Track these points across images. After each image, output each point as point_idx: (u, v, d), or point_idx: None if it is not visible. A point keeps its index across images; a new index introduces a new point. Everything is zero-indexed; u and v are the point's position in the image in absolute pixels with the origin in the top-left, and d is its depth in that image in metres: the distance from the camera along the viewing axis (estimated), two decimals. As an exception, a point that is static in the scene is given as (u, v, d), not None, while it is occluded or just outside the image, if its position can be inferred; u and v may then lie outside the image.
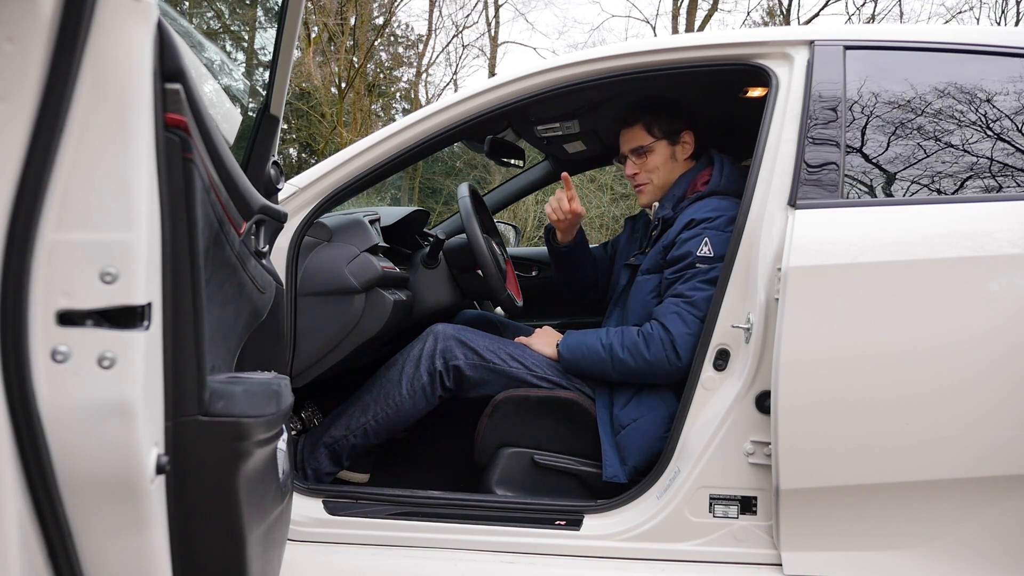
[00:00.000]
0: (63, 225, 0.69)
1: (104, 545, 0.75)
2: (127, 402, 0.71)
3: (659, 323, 1.59)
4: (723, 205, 1.65)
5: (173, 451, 0.83)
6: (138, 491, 0.74)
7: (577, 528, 1.46)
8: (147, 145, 0.73)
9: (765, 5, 14.24)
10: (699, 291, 1.58)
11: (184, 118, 0.79)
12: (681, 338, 1.56)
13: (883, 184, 1.47)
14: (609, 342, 1.63)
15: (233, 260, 1.03)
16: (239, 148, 1.30)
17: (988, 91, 1.47)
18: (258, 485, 0.99)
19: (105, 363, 0.70)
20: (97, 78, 0.70)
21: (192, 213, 0.82)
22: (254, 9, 2.53)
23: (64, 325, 0.70)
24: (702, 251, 1.60)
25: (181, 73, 0.79)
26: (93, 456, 0.71)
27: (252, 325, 1.20)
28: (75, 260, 0.70)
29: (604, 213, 11.70)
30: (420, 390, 1.68)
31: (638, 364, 1.59)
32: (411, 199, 13.55)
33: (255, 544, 0.98)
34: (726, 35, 1.60)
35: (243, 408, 0.90)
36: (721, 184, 1.72)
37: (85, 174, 0.70)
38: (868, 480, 1.31)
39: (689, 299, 1.58)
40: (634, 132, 1.86)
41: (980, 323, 1.27)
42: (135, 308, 0.72)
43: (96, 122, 0.70)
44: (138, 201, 0.71)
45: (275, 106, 1.27)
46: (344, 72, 13.65)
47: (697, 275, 1.59)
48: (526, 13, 23.59)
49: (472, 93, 1.63)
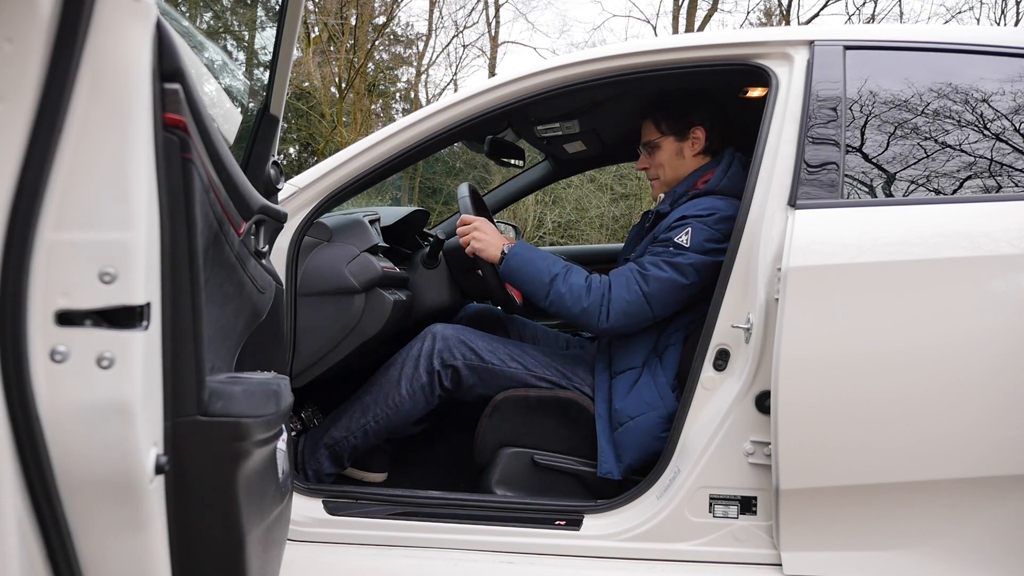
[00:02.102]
0: (62, 225, 0.69)
1: (103, 545, 0.75)
2: (126, 402, 0.71)
3: (608, 279, 1.62)
4: (718, 204, 1.63)
5: (172, 451, 0.83)
6: (137, 491, 0.74)
7: (577, 528, 1.46)
8: (146, 145, 0.73)
9: (764, 5, 14.24)
10: (657, 269, 1.59)
11: (183, 118, 0.79)
12: (617, 302, 1.58)
13: (883, 184, 1.47)
14: (555, 273, 1.64)
15: (233, 260, 1.03)
16: (239, 148, 1.30)
17: (988, 91, 1.47)
18: (257, 485, 0.99)
19: (104, 363, 0.70)
20: (96, 78, 0.70)
21: (191, 213, 0.82)
22: (254, 9, 2.52)
23: (63, 325, 0.70)
24: (680, 238, 1.61)
25: (180, 73, 0.78)
26: (92, 456, 0.71)
27: (252, 325, 1.20)
28: (74, 260, 0.70)
29: (604, 213, 11.70)
30: (419, 390, 1.67)
31: (571, 305, 1.61)
32: (411, 199, 13.54)
33: (254, 544, 0.97)
34: (726, 35, 1.60)
35: (242, 408, 0.90)
36: (722, 184, 1.70)
37: (84, 174, 0.70)
38: (868, 480, 1.31)
39: (644, 272, 1.60)
40: (646, 126, 1.86)
41: (980, 323, 1.27)
42: (134, 308, 0.71)
43: (95, 122, 0.70)
44: (137, 201, 0.71)
45: (275, 106, 1.27)
46: (344, 72, 13.65)
47: (663, 255, 1.60)
48: (527, 13, 23.58)
49: (472, 93, 1.63)
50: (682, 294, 1.60)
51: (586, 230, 11.66)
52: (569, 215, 11.75)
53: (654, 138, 1.83)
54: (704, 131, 1.80)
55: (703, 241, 1.58)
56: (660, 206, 1.78)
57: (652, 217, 1.77)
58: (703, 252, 1.58)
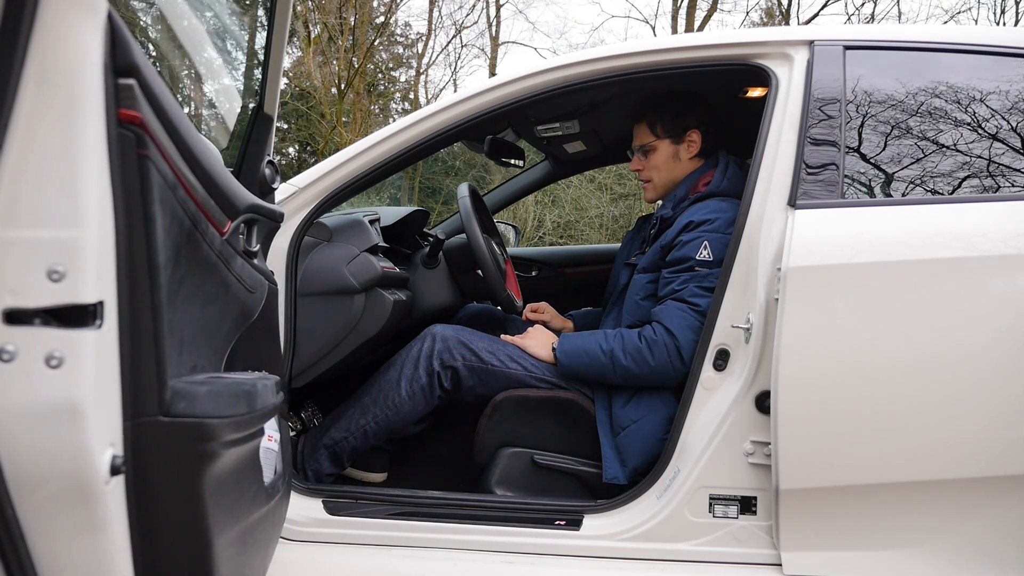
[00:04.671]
0: (9, 223, 0.68)
1: (59, 547, 0.74)
2: (76, 402, 0.70)
3: (663, 327, 1.57)
4: (722, 207, 1.64)
5: (132, 452, 0.81)
6: (91, 493, 0.72)
7: (577, 528, 1.46)
8: (97, 141, 0.71)
9: (764, 5, 14.24)
10: (701, 297, 1.57)
11: (138, 113, 0.77)
12: (687, 344, 1.54)
13: (883, 184, 1.47)
14: (611, 348, 1.61)
15: (214, 259, 1.01)
16: (234, 147, 1.30)
17: (989, 91, 1.47)
18: (230, 486, 0.97)
19: (53, 363, 0.69)
20: (43, 74, 0.68)
21: (149, 210, 0.80)
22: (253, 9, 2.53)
23: (11, 324, 0.68)
24: (701, 255, 1.59)
25: (135, 68, 0.76)
26: (43, 457, 0.70)
27: (241, 325, 1.18)
28: (21, 258, 0.68)
29: (604, 213, 11.70)
30: (419, 391, 1.67)
31: (641, 370, 1.57)
32: (411, 199, 13.54)
33: (227, 546, 0.96)
34: (726, 35, 1.60)
35: (206, 408, 0.88)
36: (723, 186, 1.70)
37: (32, 171, 0.68)
38: (868, 480, 1.31)
39: (695, 306, 1.56)
40: (640, 129, 1.85)
41: (980, 323, 1.27)
42: (85, 307, 0.70)
43: (42, 118, 0.68)
44: (86, 198, 0.70)
45: (268, 105, 1.27)
46: (344, 72, 13.64)
47: (695, 279, 1.58)
48: (526, 12, 23.53)
49: (472, 93, 1.63)
50: None
51: (585, 230, 11.65)
52: (568, 215, 11.75)
53: (649, 141, 1.83)
54: (700, 134, 1.80)
55: (722, 249, 1.57)
56: (662, 211, 1.77)
57: (656, 223, 1.76)
58: (724, 259, 1.57)
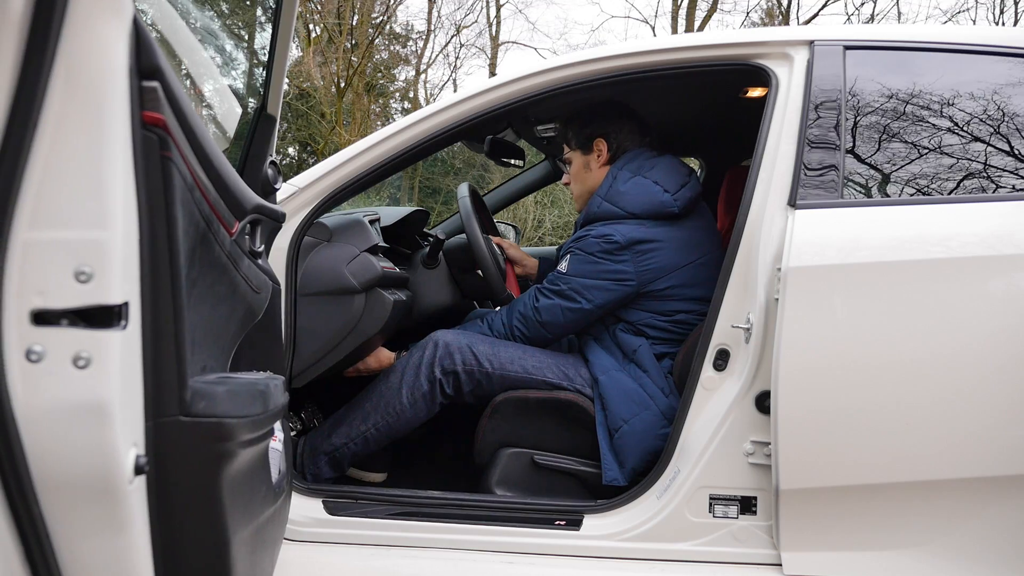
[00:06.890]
0: (36, 224, 0.68)
1: (83, 546, 0.74)
2: (103, 402, 0.70)
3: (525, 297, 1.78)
4: (603, 231, 1.68)
5: (154, 452, 0.82)
6: (116, 492, 0.73)
7: (577, 528, 1.46)
8: (123, 143, 0.72)
9: (764, 5, 14.24)
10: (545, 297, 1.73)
11: (162, 116, 0.78)
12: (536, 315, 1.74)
13: (883, 184, 1.47)
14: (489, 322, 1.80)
15: (224, 260, 1.02)
16: (236, 147, 1.30)
17: (989, 91, 1.47)
18: (245, 486, 0.98)
19: (80, 363, 0.70)
20: (70, 76, 0.68)
21: (172, 212, 0.81)
22: (254, 10, 2.53)
23: (39, 325, 0.69)
24: (560, 266, 1.74)
25: (159, 71, 0.77)
26: (69, 457, 0.71)
27: (247, 325, 1.19)
28: (49, 259, 0.69)
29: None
30: (421, 398, 1.67)
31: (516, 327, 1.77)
32: (411, 199, 13.54)
33: (241, 545, 0.96)
34: (726, 35, 1.60)
35: (225, 408, 0.89)
36: (601, 208, 1.73)
37: (59, 173, 0.69)
38: (868, 480, 1.31)
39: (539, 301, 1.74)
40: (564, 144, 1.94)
41: (981, 323, 1.27)
42: (111, 307, 0.71)
43: (70, 120, 0.69)
44: (113, 200, 0.70)
45: (272, 105, 1.27)
46: (343, 72, 13.64)
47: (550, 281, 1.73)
48: (526, 11, 23.53)
49: (472, 93, 1.63)
50: None
51: (584, 230, 11.63)
52: (568, 215, 11.75)
53: (565, 153, 1.91)
54: (606, 142, 1.82)
55: (579, 266, 1.69)
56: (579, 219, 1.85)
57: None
58: (582, 276, 1.69)
